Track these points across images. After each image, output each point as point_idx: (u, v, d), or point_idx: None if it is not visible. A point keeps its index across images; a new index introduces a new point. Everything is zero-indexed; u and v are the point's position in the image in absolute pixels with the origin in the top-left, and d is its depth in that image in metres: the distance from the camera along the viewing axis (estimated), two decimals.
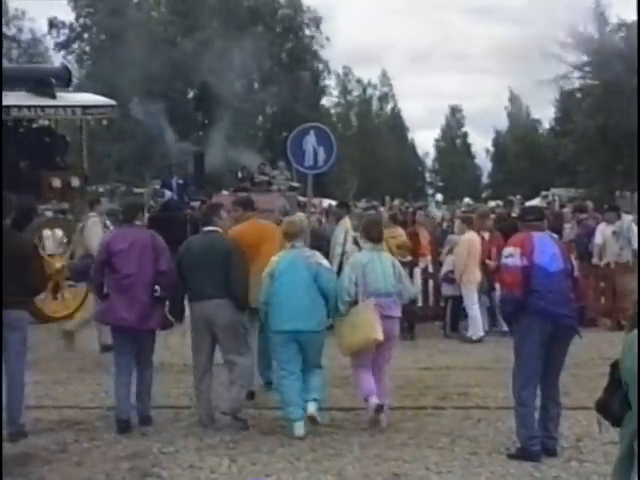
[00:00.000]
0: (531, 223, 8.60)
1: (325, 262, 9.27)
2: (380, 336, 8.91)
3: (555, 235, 9.68)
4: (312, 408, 8.86)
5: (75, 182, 18.10)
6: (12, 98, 16.79)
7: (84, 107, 18.26)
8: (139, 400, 9.41)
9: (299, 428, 8.80)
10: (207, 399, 9.34)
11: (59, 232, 17.29)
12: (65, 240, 16.96)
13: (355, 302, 9.05)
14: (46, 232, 16.93)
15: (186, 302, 9.65)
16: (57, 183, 17.69)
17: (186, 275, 9.31)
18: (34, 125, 18.48)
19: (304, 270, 8.97)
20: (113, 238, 9.61)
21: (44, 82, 17.84)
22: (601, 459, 7.90)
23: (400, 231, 15.48)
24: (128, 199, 16.44)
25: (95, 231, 13.74)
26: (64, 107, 17.85)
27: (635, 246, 16.78)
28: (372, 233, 9.53)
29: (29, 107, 17.27)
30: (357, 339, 8.98)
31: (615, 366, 4.49)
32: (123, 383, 9.27)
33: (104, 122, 19.51)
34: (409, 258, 15.41)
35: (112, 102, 19.34)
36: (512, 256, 8.19)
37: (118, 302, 9.19)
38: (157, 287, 9.20)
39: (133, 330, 9.23)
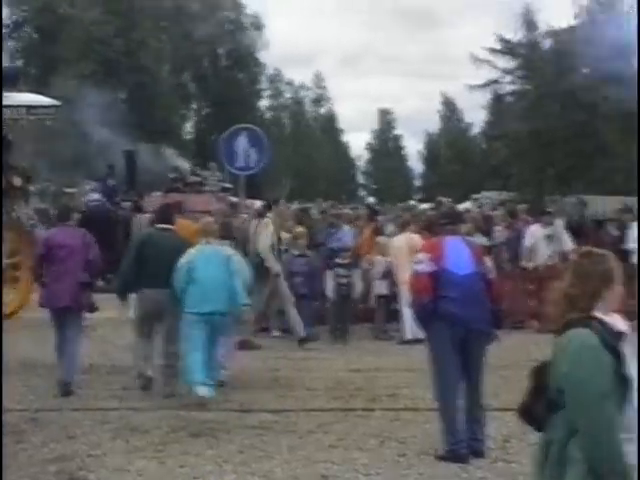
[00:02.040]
0: (445, 227, 8.68)
1: (234, 253, 10.89)
2: None
3: (483, 238, 9.79)
4: (202, 391, 10.04)
5: (17, 181, 17.88)
6: None
7: (28, 107, 18.02)
8: (66, 371, 10.82)
9: (202, 390, 10.05)
10: (148, 354, 10.96)
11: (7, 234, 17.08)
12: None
13: None
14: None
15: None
16: None
17: (143, 265, 10.74)
18: None
19: (217, 261, 10.46)
20: (51, 235, 11.33)
21: None
22: (527, 460, 7.91)
23: (300, 229, 16.25)
24: (62, 202, 16.51)
25: (265, 231, 14.55)
26: (9, 107, 17.57)
27: (565, 249, 17.02)
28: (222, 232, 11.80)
29: None
30: None
31: (538, 371, 4.40)
32: (63, 352, 10.88)
33: (48, 122, 19.25)
34: (348, 260, 15.60)
35: (56, 103, 19.20)
36: (421, 262, 8.26)
37: (57, 288, 10.84)
38: (84, 274, 10.88)
39: (68, 309, 10.88)
